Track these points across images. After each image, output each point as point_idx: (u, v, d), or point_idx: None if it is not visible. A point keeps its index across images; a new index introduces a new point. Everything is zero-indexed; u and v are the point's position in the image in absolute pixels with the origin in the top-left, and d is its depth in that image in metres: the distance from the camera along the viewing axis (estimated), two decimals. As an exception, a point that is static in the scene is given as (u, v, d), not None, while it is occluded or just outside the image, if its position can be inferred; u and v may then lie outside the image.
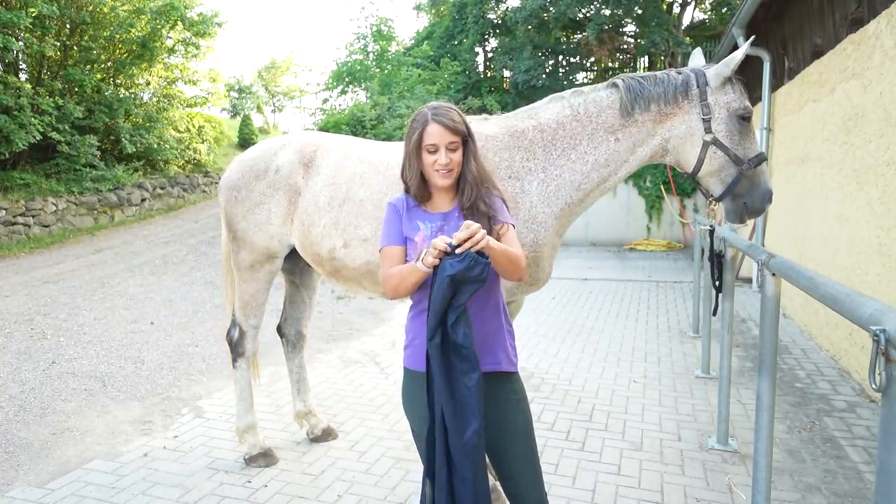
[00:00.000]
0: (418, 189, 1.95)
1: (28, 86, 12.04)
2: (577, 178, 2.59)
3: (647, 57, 17.67)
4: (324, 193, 2.95)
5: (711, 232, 3.26)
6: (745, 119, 2.53)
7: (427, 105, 1.97)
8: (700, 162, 2.53)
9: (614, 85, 2.62)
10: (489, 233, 1.85)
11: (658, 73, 2.61)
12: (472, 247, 1.66)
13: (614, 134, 2.59)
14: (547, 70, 16.79)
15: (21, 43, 11.75)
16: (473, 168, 1.95)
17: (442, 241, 1.70)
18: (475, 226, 1.68)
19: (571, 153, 2.59)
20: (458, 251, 1.67)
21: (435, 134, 1.88)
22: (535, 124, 2.63)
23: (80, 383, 4.82)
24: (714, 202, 2.66)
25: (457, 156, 1.90)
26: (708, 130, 2.50)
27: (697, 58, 2.77)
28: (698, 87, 2.53)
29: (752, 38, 2.62)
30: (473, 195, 1.93)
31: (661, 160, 2.68)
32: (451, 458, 1.73)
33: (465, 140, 1.94)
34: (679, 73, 2.59)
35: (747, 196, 2.54)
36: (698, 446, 3.53)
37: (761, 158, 2.53)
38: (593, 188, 2.63)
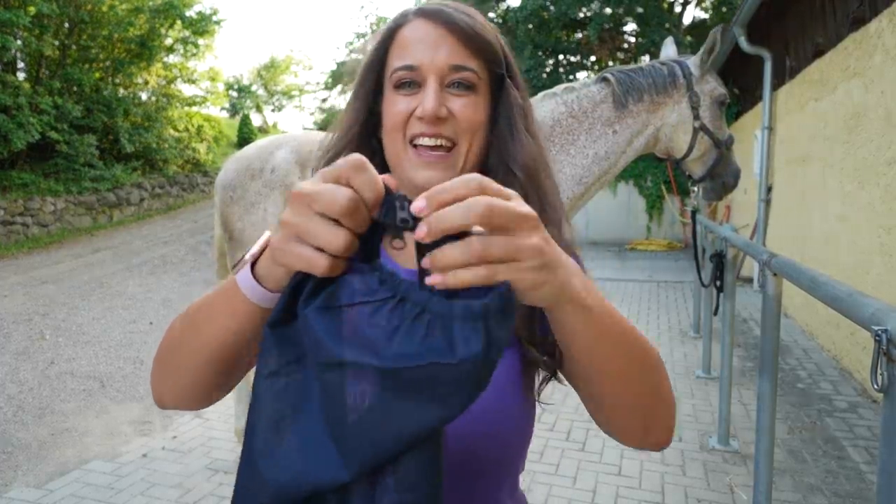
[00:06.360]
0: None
1: (27, 85, 12.02)
2: (579, 173, 2.66)
3: (647, 56, 17.64)
4: None
5: (694, 214, 3.35)
6: (722, 105, 2.73)
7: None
8: (691, 148, 2.70)
9: (604, 79, 2.71)
10: None
11: (642, 64, 2.71)
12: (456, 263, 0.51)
13: (612, 126, 2.67)
14: (547, 69, 16.75)
15: (20, 42, 11.72)
16: (532, 149, 0.81)
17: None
18: (464, 178, 0.52)
19: (570, 148, 2.65)
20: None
21: (422, 40, 0.75)
22: None
23: (78, 383, 4.80)
24: (695, 184, 2.89)
25: (469, 110, 0.75)
26: (696, 117, 2.65)
27: (669, 47, 2.90)
28: (685, 76, 2.66)
29: (720, 26, 2.72)
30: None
31: (653, 149, 2.80)
32: None
33: (500, 77, 0.79)
34: (663, 64, 2.71)
35: (725, 175, 2.78)
36: (699, 446, 3.52)
37: (732, 140, 2.78)
38: (594, 181, 2.71)
